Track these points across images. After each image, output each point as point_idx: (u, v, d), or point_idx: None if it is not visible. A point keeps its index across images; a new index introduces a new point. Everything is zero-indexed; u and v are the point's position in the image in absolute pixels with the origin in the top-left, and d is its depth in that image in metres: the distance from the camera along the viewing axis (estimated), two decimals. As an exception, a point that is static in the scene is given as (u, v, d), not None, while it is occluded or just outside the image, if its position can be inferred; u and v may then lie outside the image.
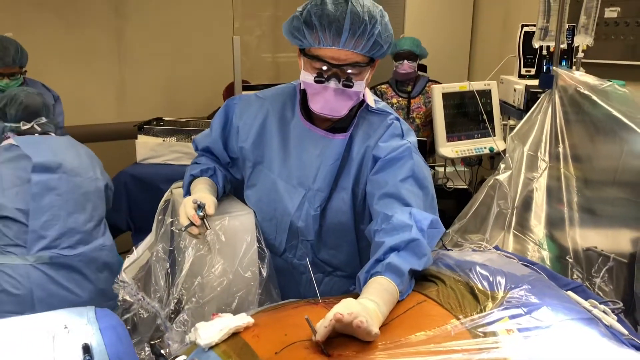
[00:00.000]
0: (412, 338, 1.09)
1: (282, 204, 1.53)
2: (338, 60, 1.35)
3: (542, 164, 2.12)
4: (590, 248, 1.92)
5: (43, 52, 3.50)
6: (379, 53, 1.38)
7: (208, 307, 1.39)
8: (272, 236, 1.57)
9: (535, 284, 1.29)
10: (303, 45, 1.39)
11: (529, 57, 3.08)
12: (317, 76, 1.37)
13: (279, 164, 1.53)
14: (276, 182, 1.53)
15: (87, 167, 2.31)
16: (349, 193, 1.49)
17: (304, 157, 1.51)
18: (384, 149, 1.45)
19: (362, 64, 1.37)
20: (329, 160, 1.48)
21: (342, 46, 1.33)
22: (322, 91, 1.39)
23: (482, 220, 2.09)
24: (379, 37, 1.34)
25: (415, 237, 1.28)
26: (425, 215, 1.35)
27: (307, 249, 1.56)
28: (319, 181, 1.49)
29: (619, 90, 1.99)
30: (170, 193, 1.64)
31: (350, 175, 1.49)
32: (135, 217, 3.06)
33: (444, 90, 3.00)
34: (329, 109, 1.41)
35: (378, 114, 1.52)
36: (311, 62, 1.37)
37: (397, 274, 1.22)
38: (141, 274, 1.49)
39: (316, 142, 1.50)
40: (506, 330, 1.13)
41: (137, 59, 4.10)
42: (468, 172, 3.35)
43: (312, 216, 1.51)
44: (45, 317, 1.09)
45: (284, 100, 1.56)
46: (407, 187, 1.40)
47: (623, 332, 1.27)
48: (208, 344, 1.09)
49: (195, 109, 4.12)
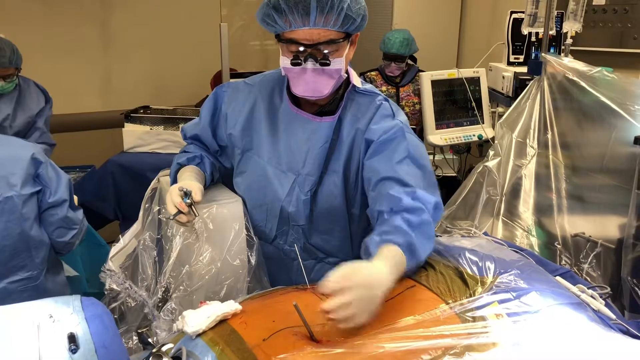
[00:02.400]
0: (401, 322, 1.09)
1: (272, 190, 1.52)
2: (311, 40, 1.33)
3: (531, 150, 2.13)
4: (578, 234, 1.93)
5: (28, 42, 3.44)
6: (353, 27, 1.36)
7: (196, 296, 1.38)
8: (262, 223, 1.56)
9: (524, 269, 1.29)
10: (277, 31, 1.38)
11: (518, 44, 3.08)
12: (293, 59, 1.36)
13: (268, 149, 1.52)
14: (266, 168, 1.52)
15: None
16: (340, 176, 1.48)
17: (293, 142, 1.50)
18: (376, 131, 1.44)
19: (337, 40, 1.35)
20: (318, 143, 1.46)
21: (313, 25, 1.31)
22: (301, 73, 1.37)
23: (471, 207, 2.09)
24: (349, 10, 1.32)
25: (428, 219, 1.28)
26: (429, 197, 1.34)
27: (299, 234, 1.55)
28: (308, 165, 1.48)
29: (608, 76, 1.99)
30: (157, 181, 1.63)
31: (340, 158, 1.47)
32: (123, 206, 3.04)
33: (432, 77, 2.99)
34: (310, 90, 1.39)
35: (366, 94, 1.50)
36: (287, 47, 1.37)
37: (415, 256, 1.23)
38: (128, 263, 1.48)
39: (304, 126, 1.48)
40: (495, 314, 1.13)
41: (123, 47, 4.06)
42: (457, 160, 3.36)
43: (302, 201, 1.50)
44: (30, 307, 1.08)
45: (272, 86, 1.55)
46: (405, 168, 1.39)
47: (611, 316, 1.27)
48: (195, 331, 1.08)
49: (183, 97, 4.08)
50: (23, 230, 1.86)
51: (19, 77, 2.79)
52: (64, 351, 0.96)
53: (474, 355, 1.02)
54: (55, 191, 1.93)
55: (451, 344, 1.04)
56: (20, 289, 1.88)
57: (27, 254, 1.89)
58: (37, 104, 2.90)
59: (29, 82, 2.92)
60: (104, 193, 3.03)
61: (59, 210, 1.95)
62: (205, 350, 1.04)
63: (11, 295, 1.84)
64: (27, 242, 1.88)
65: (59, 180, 1.96)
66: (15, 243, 1.85)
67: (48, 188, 1.92)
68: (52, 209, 1.94)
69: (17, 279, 1.87)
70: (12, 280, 1.86)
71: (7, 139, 1.98)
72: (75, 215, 2.03)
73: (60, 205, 1.95)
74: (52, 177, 1.94)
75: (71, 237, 2.01)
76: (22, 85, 2.84)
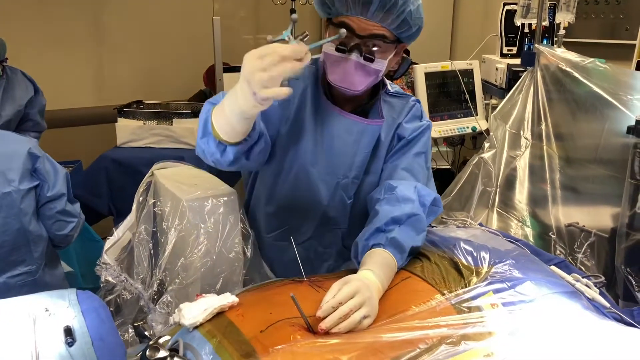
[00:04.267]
0: (397, 314, 1.09)
1: (312, 194, 1.45)
2: (364, 30, 1.29)
3: (525, 142, 2.13)
4: (572, 224, 1.94)
5: (19, 37, 3.42)
6: (406, 34, 1.34)
7: (192, 288, 1.38)
8: (295, 225, 1.49)
9: (519, 258, 1.29)
10: (331, 14, 1.34)
11: (511, 35, 3.08)
12: (339, 44, 1.31)
13: (311, 150, 1.44)
14: (308, 170, 1.44)
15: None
16: (377, 176, 1.47)
17: (337, 144, 1.43)
18: (407, 130, 1.46)
19: (387, 40, 1.32)
20: (366, 147, 1.43)
21: (370, 16, 1.28)
22: (341, 62, 1.33)
23: (467, 198, 2.10)
24: (409, 15, 1.30)
25: (417, 212, 1.29)
26: (429, 191, 1.36)
27: (337, 237, 1.52)
28: (355, 169, 1.45)
29: (600, 66, 2.00)
30: (152, 174, 1.62)
31: (380, 159, 1.47)
32: (117, 201, 3.03)
33: (426, 69, 2.99)
34: (346, 82, 1.35)
35: (399, 96, 1.51)
36: (336, 31, 1.28)
37: (400, 249, 1.23)
38: (123, 256, 1.48)
39: (349, 128, 1.43)
40: (490, 304, 1.14)
41: (115, 42, 4.03)
42: (451, 153, 3.36)
43: (346, 205, 1.48)
44: (26, 300, 1.07)
45: (306, 83, 1.46)
46: (420, 162, 1.43)
47: (605, 304, 1.28)
48: (192, 324, 1.07)
49: (176, 92, 4.06)
50: (22, 225, 1.86)
51: (5, 67, 2.78)
52: (61, 344, 0.95)
53: (470, 344, 1.02)
54: (53, 185, 1.94)
55: (447, 334, 1.04)
56: (19, 283, 1.89)
57: (26, 249, 1.89)
58: (25, 92, 2.89)
59: (16, 72, 2.91)
60: (98, 188, 3.02)
61: (58, 203, 1.96)
62: (203, 343, 1.03)
63: (11, 290, 1.85)
64: (26, 237, 1.88)
65: (57, 173, 1.97)
66: (15, 238, 1.85)
67: (46, 182, 1.93)
68: (50, 203, 1.95)
69: (17, 273, 1.88)
70: (11, 274, 1.87)
71: (2, 135, 1.97)
72: (73, 207, 2.04)
73: (59, 199, 1.96)
74: (49, 171, 1.94)
75: (70, 230, 2.02)
76: (9, 74, 2.82)
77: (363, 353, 0.97)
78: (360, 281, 1.10)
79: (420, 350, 0.99)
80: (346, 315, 1.04)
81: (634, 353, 1.07)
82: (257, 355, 0.98)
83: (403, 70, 3.66)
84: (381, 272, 1.16)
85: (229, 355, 0.98)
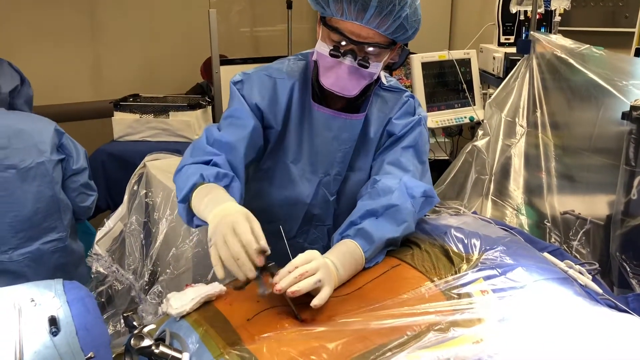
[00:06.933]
0: (386, 301, 1.09)
1: (295, 192, 1.44)
2: (358, 37, 1.26)
3: (520, 129, 2.12)
4: (568, 212, 1.93)
5: (14, 31, 3.41)
6: (403, 37, 1.31)
7: (183, 279, 1.38)
8: (280, 222, 1.42)
9: (510, 245, 1.28)
10: (325, 14, 1.30)
11: (508, 24, 3.06)
12: (332, 49, 1.28)
13: (293, 149, 1.43)
14: (289, 169, 1.44)
15: (29, 146, 1.99)
16: (366, 174, 1.44)
17: (317, 141, 1.42)
18: (398, 126, 1.43)
19: (382, 45, 1.28)
20: (347, 142, 1.41)
21: (366, 23, 1.24)
22: (335, 66, 1.30)
23: (460, 187, 2.09)
24: (405, 20, 1.26)
25: (395, 203, 1.26)
26: (418, 182, 1.34)
27: (322, 233, 1.51)
28: (337, 166, 1.43)
29: (596, 52, 1.98)
30: (144, 165, 1.62)
31: (368, 156, 1.44)
32: (114, 195, 3.01)
33: (423, 59, 2.97)
34: (339, 86, 1.32)
35: (393, 91, 1.47)
36: (330, 34, 1.28)
37: (368, 240, 1.21)
38: (115, 246, 1.48)
39: (329, 124, 1.40)
40: (481, 291, 1.13)
41: (111, 36, 4.01)
42: (449, 143, 3.35)
43: (329, 202, 1.46)
44: (11, 291, 1.07)
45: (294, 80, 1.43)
46: (407, 155, 1.39)
47: (598, 291, 1.27)
48: (180, 313, 1.07)
49: (173, 85, 4.05)
50: (54, 193, 2.01)
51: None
52: (45, 334, 0.95)
53: (458, 330, 1.02)
54: (77, 159, 2.11)
55: (436, 321, 1.03)
56: (51, 249, 2.00)
57: (57, 216, 2.02)
58: (10, 81, 2.87)
59: (2, 62, 2.90)
60: (95, 182, 3.00)
61: (81, 177, 2.13)
62: (189, 332, 1.03)
63: (43, 256, 1.96)
64: (57, 204, 2.02)
65: (77, 150, 2.14)
66: (48, 205, 1.99)
67: (71, 156, 2.10)
68: (75, 176, 2.11)
69: (50, 239, 1.99)
70: (45, 241, 1.98)
71: (27, 115, 2.13)
72: (92, 182, 2.21)
73: (82, 172, 2.13)
74: (72, 147, 2.12)
75: (91, 203, 2.18)
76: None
77: (350, 340, 0.97)
78: (317, 253, 1.12)
79: (408, 337, 0.99)
80: (301, 276, 1.04)
81: (626, 338, 1.06)
82: (242, 343, 0.97)
83: (401, 61, 3.63)
84: (338, 261, 1.15)
85: (215, 344, 0.98)
